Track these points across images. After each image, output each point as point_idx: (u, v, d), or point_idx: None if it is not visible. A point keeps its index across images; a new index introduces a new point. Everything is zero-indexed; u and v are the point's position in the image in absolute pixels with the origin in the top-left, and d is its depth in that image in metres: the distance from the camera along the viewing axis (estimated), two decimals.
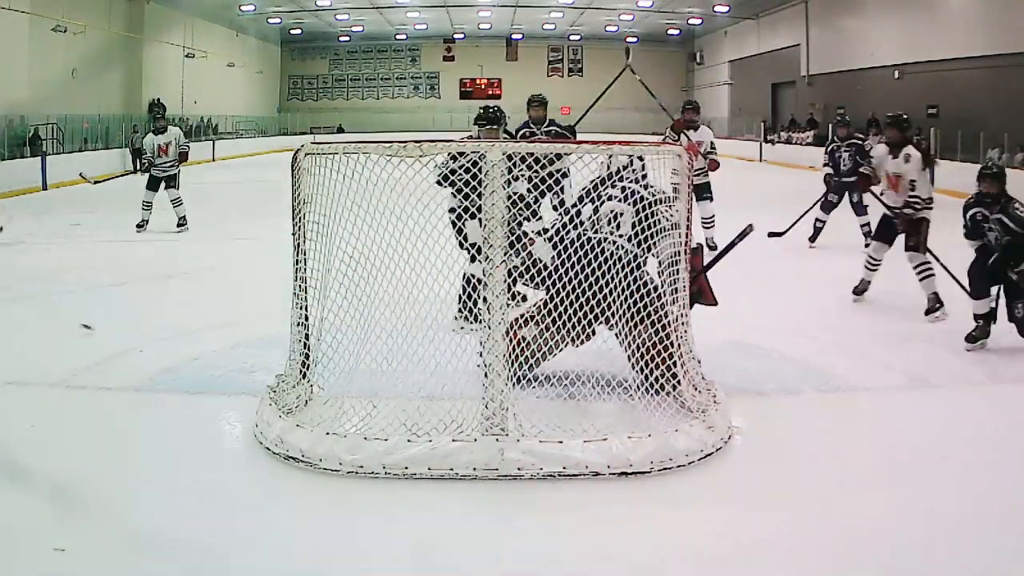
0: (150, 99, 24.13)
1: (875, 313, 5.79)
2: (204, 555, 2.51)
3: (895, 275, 7.30)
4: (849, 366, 4.40)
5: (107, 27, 21.60)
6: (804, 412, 3.83)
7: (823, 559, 2.51)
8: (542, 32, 35.93)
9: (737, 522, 2.73)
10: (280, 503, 2.88)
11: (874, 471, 3.13)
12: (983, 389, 4.15)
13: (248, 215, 11.28)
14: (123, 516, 2.73)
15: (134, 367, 4.31)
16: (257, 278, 6.82)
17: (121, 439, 3.43)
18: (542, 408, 3.29)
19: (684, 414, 3.50)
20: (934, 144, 16.72)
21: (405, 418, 3.27)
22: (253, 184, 16.63)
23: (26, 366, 4.36)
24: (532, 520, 2.77)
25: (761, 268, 7.58)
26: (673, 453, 3.08)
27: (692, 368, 3.64)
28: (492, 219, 3.13)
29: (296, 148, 3.64)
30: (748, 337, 4.86)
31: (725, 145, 28.92)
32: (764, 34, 28.73)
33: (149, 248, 8.54)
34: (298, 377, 3.60)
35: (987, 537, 2.63)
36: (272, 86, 36.05)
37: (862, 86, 22.27)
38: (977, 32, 17.39)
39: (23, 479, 3.00)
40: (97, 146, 19.66)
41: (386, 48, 37.20)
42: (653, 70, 36.83)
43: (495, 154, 3.13)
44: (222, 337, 4.85)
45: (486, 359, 3.15)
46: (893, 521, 2.71)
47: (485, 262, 3.16)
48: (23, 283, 6.74)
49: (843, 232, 9.67)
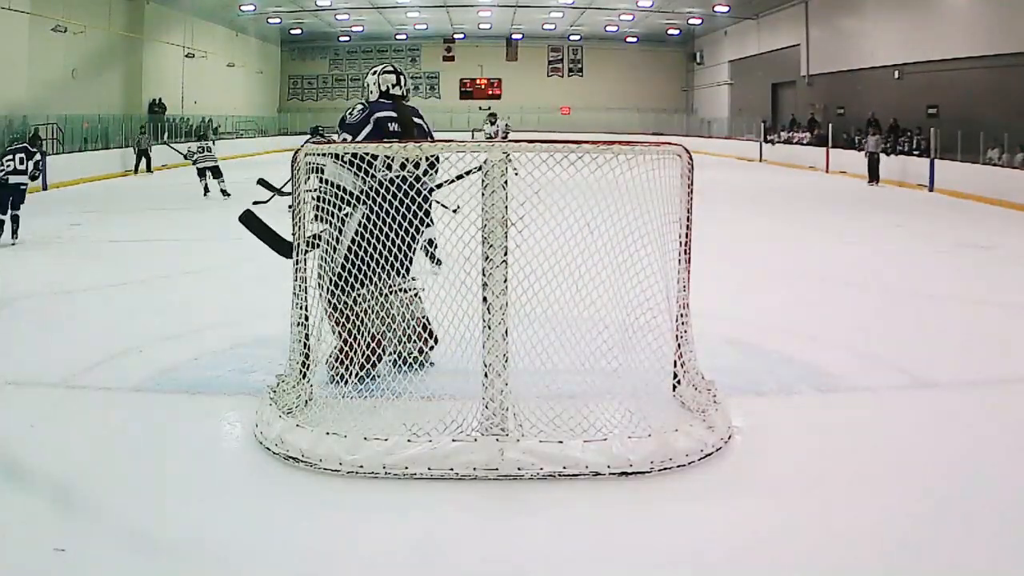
0: (150, 99, 24.16)
1: (875, 313, 5.79)
2: (204, 555, 2.51)
3: (895, 275, 7.31)
4: (849, 366, 4.40)
5: (107, 27, 21.61)
6: (804, 412, 3.82)
7: (823, 559, 2.51)
8: (542, 32, 35.94)
9: (737, 522, 2.73)
10: (280, 503, 2.88)
11: (874, 471, 3.13)
12: (983, 389, 4.14)
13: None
14: (123, 516, 2.73)
15: (134, 367, 4.31)
16: (257, 278, 6.82)
17: (121, 439, 3.43)
18: (542, 408, 3.29)
19: (684, 414, 3.50)
20: (934, 144, 16.74)
21: (405, 418, 3.27)
22: (253, 184, 16.61)
23: (26, 366, 4.36)
24: (532, 520, 2.77)
25: (761, 268, 7.59)
26: (673, 453, 3.07)
27: (692, 368, 3.65)
28: (492, 219, 3.13)
29: (296, 148, 3.65)
30: (748, 337, 4.86)
31: (725, 145, 29.14)
32: (764, 34, 28.73)
33: (149, 248, 8.54)
34: (298, 377, 3.60)
35: (987, 537, 2.63)
36: (272, 86, 36.06)
37: (862, 86, 22.28)
38: (977, 32, 17.40)
39: (23, 479, 3.00)
40: (97, 146, 19.65)
41: (386, 48, 37.21)
42: (653, 70, 37.08)
43: (495, 154, 3.13)
44: (222, 337, 4.85)
45: (486, 359, 3.15)
46: (893, 521, 2.71)
47: (485, 262, 3.15)
48: (23, 283, 6.75)
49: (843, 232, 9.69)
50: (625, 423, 3.28)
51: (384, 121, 4.20)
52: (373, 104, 4.28)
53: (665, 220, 3.54)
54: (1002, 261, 8.47)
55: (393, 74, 4.39)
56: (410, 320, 4.14)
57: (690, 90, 37.01)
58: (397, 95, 4.33)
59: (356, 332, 3.82)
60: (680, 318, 3.60)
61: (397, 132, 4.18)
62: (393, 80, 4.36)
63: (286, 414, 3.33)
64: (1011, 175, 14.24)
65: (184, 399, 3.89)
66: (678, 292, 3.59)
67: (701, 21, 32.05)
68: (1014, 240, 9.79)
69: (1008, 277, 7.44)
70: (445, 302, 3.51)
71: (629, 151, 3.33)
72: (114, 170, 19.15)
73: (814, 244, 9.31)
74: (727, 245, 8.19)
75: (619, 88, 36.73)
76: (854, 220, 11.82)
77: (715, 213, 8.60)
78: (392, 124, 4.20)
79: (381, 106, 4.26)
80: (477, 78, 37.46)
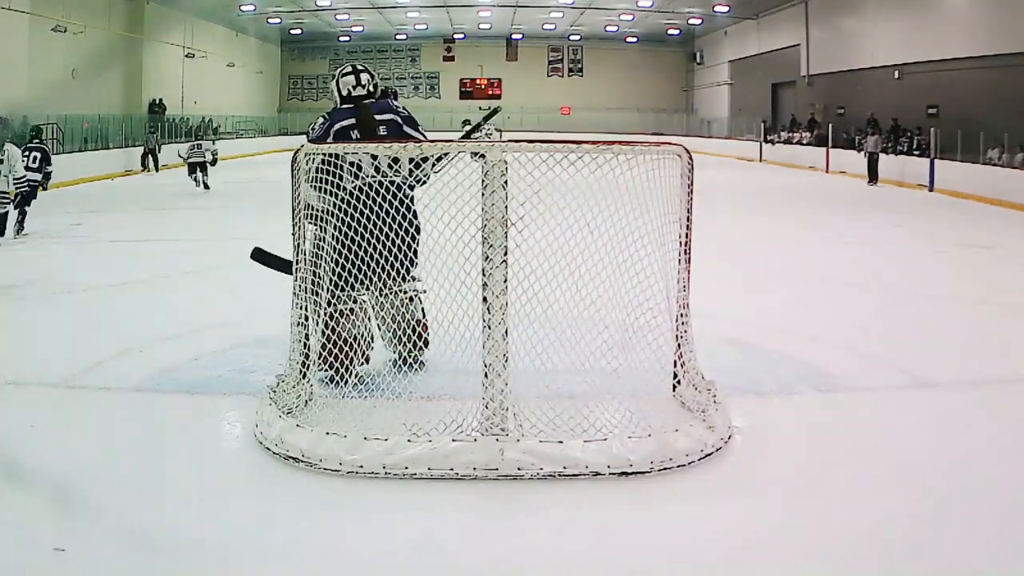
0: (150, 99, 24.16)
1: (875, 313, 5.79)
2: (204, 555, 2.51)
3: (895, 275, 7.31)
4: (849, 366, 4.40)
5: (107, 27, 21.61)
6: (804, 412, 3.82)
7: (823, 559, 2.51)
8: (542, 32, 35.95)
9: (737, 522, 2.73)
10: (280, 503, 2.88)
11: (874, 471, 3.13)
12: (983, 389, 4.14)
13: (248, 215, 11.28)
14: (123, 516, 2.73)
15: (134, 367, 4.31)
16: (257, 278, 6.81)
17: (121, 439, 3.43)
18: (542, 408, 3.29)
19: (684, 414, 3.50)
20: (934, 144, 16.74)
21: (405, 418, 3.27)
22: (253, 184, 16.63)
23: (26, 366, 4.36)
24: (532, 520, 2.77)
25: (761, 268, 7.59)
26: (673, 453, 3.07)
27: (692, 368, 3.64)
28: (492, 219, 3.13)
29: (296, 148, 3.65)
30: (748, 337, 4.86)
31: (725, 145, 29.15)
32: (764, 34, 28.74)
33: (149, 248, 8.54)
34: (298, 377, 3.60)
35: (987, 537, 2.63)
36: (272, 86, 36.07)
37: (862, 86, 22.29)
38: (977, 32, 17.40)
39: (23, 479, 3.00)
40: (97, 146, 19.66)
41: (386, 48, 37.23)
42: (653, 70, 37.10)
43: (495, 154, 3.13)
44: (222, 337, 4.85)
45: (486, 359, 3.15)
46: (893, 521, 2.71)
47: (485, 262, 3.15)
48: (23, 283, 6.75)
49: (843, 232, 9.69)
50: (625, 423, 3.28)
51: (345, 131, 4.01)
52: (334, 114, 4.09)
53: (665, 220, 3.53)
54: (1002, 261, 8.47)
55: (351, 75, 4.19)
56: (409, 322, 4.12)
57: (690, 90, 37.02)
58: (360, 95, 4.14)
59: (331, 334, 3.83)
60: (680, 318, 3.59)
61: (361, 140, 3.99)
62: (352, 82, 4.17)
63: (286, 414, 3.33)
64: (1011, 175, 14.25)
65: (184, 399, 3.89)
66: (678, 292, 3.59)
67: (701, 21, 32.05)
68: (1014, 240, 9.79)
69: (1008, 277, 7.45)
70: (445, 302, 3.51)
71: (629, 151, 3.33)
72: (114, 170, 19.16)
73: (814, 244, 9.31)
74: (727, 245, 8.19)
75: (619, 88, 36.74)
76: (854, 220, 11.81)
77: (715, 213, 8.60)
78: (354, 132, 4.01)
79: (341, 114, 4.07)
80: (477, 78, 37.47)
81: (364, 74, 4.22)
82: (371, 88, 4.21)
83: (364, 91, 4.19)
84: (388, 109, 4.15)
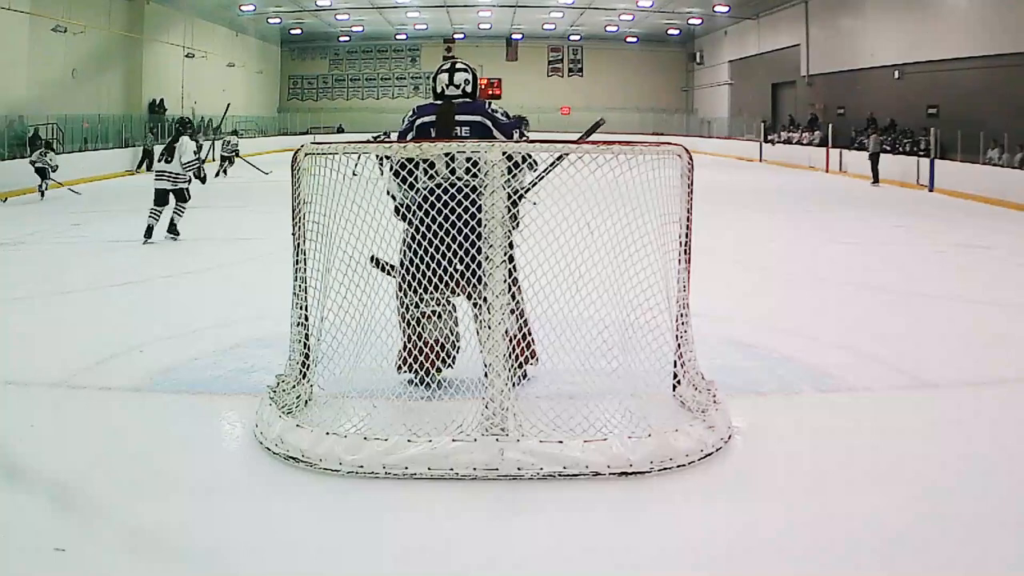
0: (150, 99, 24.16)
1: (876, 313, 5.79)
2: (204, 555, 2.51)
3: (895, 275, 7.31)
4: (849, 366, 4.39)
5: (107, 27, 21.60)
6: (804, 412, 3.82)
7: (823, 559, 2.51)
8: (542, 32, 35.95)
9: (737, 522, 2.73)
10: (280, 503, 2.88)
11: (874, 471, 3.12)
12: (983, 389, 4.14)
13: (248, 215, 11.28)
14: (123, 516, 2.72)
15: (134, 367, 4.31)
16: (257, 278, 6.83)
17: (121, 439, 3.43)
18: (542, 408, 3.29)
19: (684, 414, 3.50)
20: (934, 144, 16.74)
21: (405, 418, 3.27)
22: (253, 184, 16.63)
23: (26, 366, 4.36)
24: (532, 520, 2.77)
25: (761, 268, 7.59)
26: (673, 453, 3.07)
27: (692, 368, 3.64)
28: (492, 219, 3.13)
29: (296, 148, 3.65)
30: (748, 337, 4.86)
31: (725, 145, 29.14)
32: (764, 34, 28.74)
33: (149, 248, 8.53)
34: (298, 377, 3.60)
35: (987, 537, 2.63)
36: (272, 86, 36.06)
37: (862, 86, 22.29)
38: (977, 32, 17.41)
39: (23, 479, 3.00)
40: (97, 146, 19.66)
41: (386, 48, 37.23)
42: (653, 70, 37.10)
43: (495, 154, 3.13)
44: (222, 337, 4.85)
45: (486, 359, 3.15)
46: (893, 521, 2.71)
47: (486, 262, 3.16)
48: (23, 283, 6.75)
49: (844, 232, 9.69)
50: (625, 423, 3.28)
51: (426, 127, 3.92)
52: (421, 108, 4.00)
53: (665, 220, 3.54)
54: (1002, 261, 8.47)
55: (447, 72, 4.05)
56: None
57: (690, 90, 37.03)
58: (452, 95, 4.00)
59: (413, 335, 3.81)
60: (680, 318, 3.59)
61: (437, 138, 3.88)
62: (445, 80, 4.02)
63: (286, 414, 3.33)
64: (1011, 175, 14.25)
65: (184, 399, 3.89)
66: (678, 292, 3.59)
67: (701, 21, 32.06)
68: (1014, 240, 9.79)
69: (1007, 277, 7.45)
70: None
71: (629, 151, 3.33)
72: (115, 169, 19.18)
73: (814, 244, 9.31)
74: (727, 245, 8.20)
75: (619, 88, 36.73)
76: (854, 220, 11.82)
77: (715, 213, 8.60)
78: (432, 130, 3.91)
79: (426, 110, 3.98)
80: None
81: (460, 73, 4.04)
82: (467, 88, 4.03)
83: (458, 91, 4.02)
84: (479, 111, 3.96)
